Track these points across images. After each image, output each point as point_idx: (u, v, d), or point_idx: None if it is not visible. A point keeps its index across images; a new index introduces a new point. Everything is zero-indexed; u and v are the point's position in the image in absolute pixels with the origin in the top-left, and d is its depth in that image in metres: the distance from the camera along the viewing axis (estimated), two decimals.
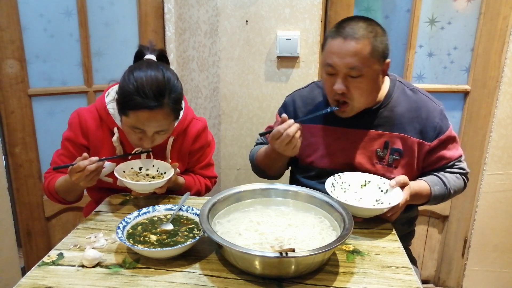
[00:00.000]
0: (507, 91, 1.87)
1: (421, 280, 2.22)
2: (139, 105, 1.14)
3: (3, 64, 1.77)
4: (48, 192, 1.33)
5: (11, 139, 1.85)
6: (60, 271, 0.95)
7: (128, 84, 1.15)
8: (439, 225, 2.18)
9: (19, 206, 1.94)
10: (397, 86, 1.33)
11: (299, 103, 1.42)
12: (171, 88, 1.18)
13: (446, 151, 1.32)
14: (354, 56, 1.16)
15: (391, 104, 1.31)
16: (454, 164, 1.34)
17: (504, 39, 1.84)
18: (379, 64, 1.20)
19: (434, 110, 1.30)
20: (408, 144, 1.29)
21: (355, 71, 1.17)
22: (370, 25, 1.19)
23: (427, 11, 1.93)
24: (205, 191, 1.49)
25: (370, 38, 1.17)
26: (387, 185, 1.21)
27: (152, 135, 1.21)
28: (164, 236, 1.04)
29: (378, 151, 1.31)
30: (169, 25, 1.92)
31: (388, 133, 1.30)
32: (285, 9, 1.91)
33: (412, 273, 0.96)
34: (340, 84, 1.20)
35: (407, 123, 1.29)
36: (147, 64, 1.20)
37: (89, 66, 1.93)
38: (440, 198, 1.31)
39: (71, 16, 1.85)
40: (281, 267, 0.90)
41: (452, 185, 1.32)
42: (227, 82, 2.05)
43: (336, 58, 1.18)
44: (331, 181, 1.21)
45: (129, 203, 1.31)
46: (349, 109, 1.25)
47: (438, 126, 1.29)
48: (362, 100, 1.24)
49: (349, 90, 1.20)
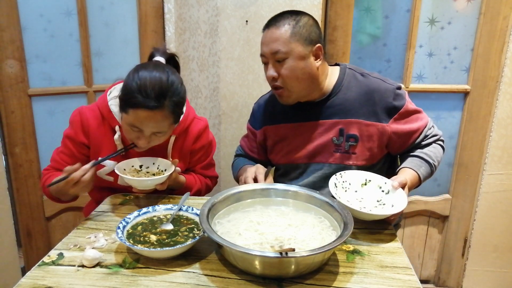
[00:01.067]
0: (507, 91, 1.88)
1: (421, 280, 2.22)
2: (139, 103, 1.14)
3: (3, 64, 1.77)
4: (44, 188, 1.32)
5: (11, 139, 1.85)
6: (60, 271, 0.95)
7: (132, 82, 1.16)
8: (439, 225, 2.19)
9: (19, 206, 1.94)
10: (347, 74, 1.36)
11: (262, 108, 1.49)
12: (173, 91, 1.18)
13: (411, 124, 1.33)
14: (276, 41, 1.25)
15: (342, 91, 1.34)
16: (426, 135, 1.35)
17: (504, 39, 1.84)
18: (304, 48, 1.25)
19: (386, 90, 1.31)
20: (364, 128, 1.31)
21: (279, 54, 1.24)
22: (293, 14, 1.28)
23: (427, 11, 1.93)
24: (205, 191, 1.50)
25: (290, 24, 1.25)
26: (388, 185, 1.21)
27: (149, 135, 1.21)
28: (164, 236, 1.04)
29: (334, 139, 1.34)
30: (169, 25, 1.92)
31: (342, 120, 1.33)
32: (285, 9, 1.90)
33: (412, 273, 0.96)
34: (270, 70, 1.27)
35: (360, 108, 1.31)
36: (153, 65, 1.20)
37: (89, 66, 1.93)
38: (429, 176, 1.33)
39: (71, 16, 1.85)
40: (281, 267, 0.90)
41: (434, 157, 1.34)
42: (227, 82, 2.05)
43: (264, 47, 1.28)
44: (334, 181, 1.21)
45: (129, 203, 1.31)
46: (286, 94, 1.30)
47: (391, 105, 1.30)
48: (296, 84, 1.28)
49: (280, 75, 1.27)
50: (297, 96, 1.32)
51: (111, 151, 1.31)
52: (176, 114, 1.22)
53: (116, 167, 1.24)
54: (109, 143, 1.32)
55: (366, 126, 1.31)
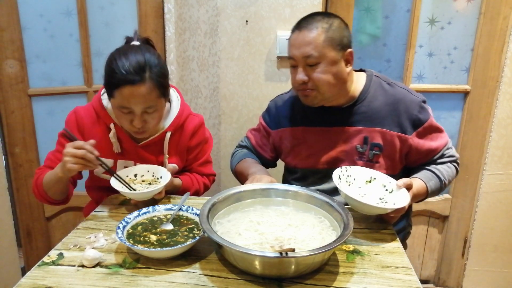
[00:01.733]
0: (507, 91, 1.88)
1: (421, 280, 2.22)
2: (121, 81, 1.16)
3: (3, 64, 1.77)
4: (35, 186, 1.29)
5: (11, 139, 1.85)
6: (60, 271, 0.95)
7: (110, 65, 1.19)
8: (439, 225, 2.19)
9: (19, 206, 1.94)
10: (374, 81, 1.34)
11: (280, 108, 1.46)
12: (151, 63, 1.19)
13: (431, 142, 1.32)
14: (309, 45, 1.21)
15: (368, 99, 1.32)
16: (443, 154, 1.35)
17: (504, 39, 1.84)
18: (336, 53, 1.23)
19: (412, 102, 1.30)
20: (388, 138, 1.30)
21: (312, 59, 1.22)
22: (325, 17, 1.25)
23: (427, 11, 1.93)
24: (203, 190, 1.49)
25: (323, 28, 1.22)
26: (392, 185, 1.19)
27: (142, 114, 1.21)
28: (164, 236, 1.04)
29: (358, 147, 1.32)
30: (169, 25, 1.92)
31: (366, 129, 1.31)
32: (285, 9, 1.91)
33: (412, 273, 0.96)
34: (300, 73, 1.24)
35: (385, 117, 1.30)
36: (128, 46, 1.24)
37: (89, 66, 1.93)
38: (436, 192, 1.32)
39: (71, 16, 1.85)
40: (281, 267, 0.90)
41: (446, 176, 1.33)
42: (227, 82, 2.05)
43: (294, 49, 1.25)
44: (338, 173, 1.20)
45: (129, 203, 1.30)
46: (313, 95, 1.27)
47: (417, 118, 1.30)
48: (327, 89, 1.25)
49: (310, 79, 1.24)
50: (324, 99, 1.29)
51: (107, 149, 1.32)
52: (161, 86, 1.22)
53: (111, 180, 1.24)
54: (105, 141, 1.32)
55: (390, 136, 1.30)
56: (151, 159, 1.37)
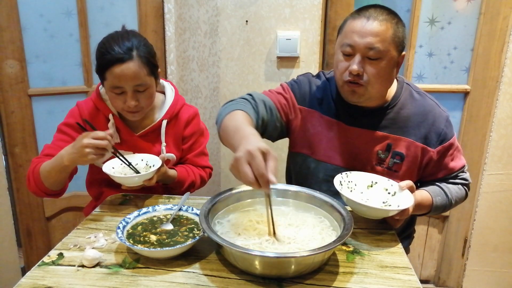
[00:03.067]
0: (507, 91, 1.88)
1: (421, 280, 2.22)
2: (110, 61, 1.23)
3: (3, 64, 1.77)
4: (31, 175, 1.26)
5: (11, 139, 1.85)
6: (60, 271, 0.95)
7: (99, 49, 1.26)
8: (439, 225, 2.19)
9: (19, 206, 1.94)
10: (405, 88, 1.30)
11: (314, 87, 1.34)
12: (138, 42, 1.27)
13: (450, 161, 1.29)
14: (376, 37, 1.13)
15: (398, 106, 1.27)
16: (457, 175, 1.32)
17: (504, 39, 1.84)
18: (397, 53, 1.18)
19: (440, 116, 1.27)
20: (412, 149, 1.26)
21: (374, 52, 1.14)
22: (392, 13, 1.18)
23: (427, 11, 1.93)
24: (200, 183, 1.48)
25: (392, 23, 1.15)
26: (395, 187, 1.16)
27: (133, 93, 1.27)
28: (164, 236, 1.04)
29: (380, 153, 1.28)
30: (169, 25, 1.92)
31: (392, 136, 1.26)
32: (285, 9, 1.91)
33: (412, 273, 0.96)
34: (357, 64, 1.15)
35: (413, 127, 1.26)
36: (115, 32, 1.31)
37: (89, 66, 1.93)
38: (441, 209, 1.28)
39: (71, 16, 1.85)
40: (281, 267, 0.90)
41: (454, 196, 1.29)
42: (227, 82, 2.05)
43: (356, 37, 1.15)
44: (339, 179, 1.16)
45: (129, 203, 1.31)
46: (361, 92, 1.19)
47: (443, 132, 1.26)
48: (377, 87, 1.19)
49: (365, 72, 1.16)
50: (369, 98, 1.22)
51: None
52: (149, 64, 1.28)
53: (104, 166, 1.26)
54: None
55: (415, 147, 1.26)
56: (149, 148, 1.39)
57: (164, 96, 1.45)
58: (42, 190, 1.27)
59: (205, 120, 2.07)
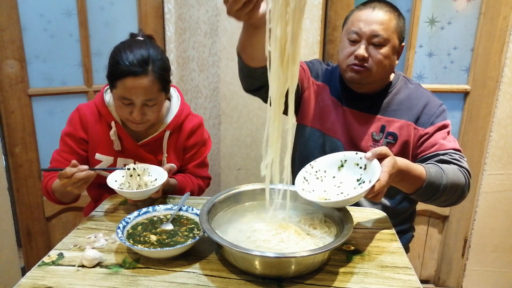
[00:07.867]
0: (507, 91, 1.87)
1: (421, 280, 2.22)
2: (124, 72, 1.19)
3: (3, 64, 1.77)
4: (45, 191, 1.33)
5: (11, 139, 1.85)
6: (60, 271, 0.95)
7: (114, 56, 1.23)
8: (439, 225, 2.19)
9: (19, 206, 1.94)
10: (400, 79, 1.40)
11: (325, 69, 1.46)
12: (155, 57, 1.23)
13: (441, 138, 1.28)
14: (381, 25, 1.25)
15: (393, 92, 1.37)
16: (452, 157, 1.22)
17: (504, 39, 1.84)
18: (398, 42, 1.30)
19: (433, 102, 1.34)
20: (404, 128, 1.32)
21: (379, 39, 1.25)
22: (394, 7, 1.31)
23: (427, 11, 1.93)
24: (198, 192, 1.48)
25: (395, 15, 1.29)
26: (364, 160, 1.04)
27: (141, 106, 1.24)
28: (164, 236, 1.04)
29: (374, 134, 1.35)
30: (169, 25, 1.92)
31: (385, 117, 1.34)
32: None
33: (412, 273, 0.96)
34: (362, 49, 1.26)
35: (405, 110, 1.33)
36: (132, 40, 1.28)
37: (89, 66, 1.93)
38: (436, 185, 1.12)
39: (71, 16, 1.85)
40: (281, 267, 0.90)
41: (451, 174, 1.16)
42: (227, 82, 2.04)
43: (362, 24, 1.26)
44: (303, 174, 1.09)
45: (129, 203, 1.30)
46: (366, 75, 1.28)
47: (435, 114, 1.32)
48: (381, 72, 1.29)
49: (370, 57, 1.27)
50: (371, 82, 1.32)
51: (107, 147, 1.35)
52: (162, 80, 1.25)
53: (108, 179, 1.24)
54: (106, 139, 1.35)
55: (407, 126, 1.32)
56: (150, 157, 1.38)
57: (169, 103, 1.42)
58: (59, 203, 1.36)
59: (205, 120, 2.07)
